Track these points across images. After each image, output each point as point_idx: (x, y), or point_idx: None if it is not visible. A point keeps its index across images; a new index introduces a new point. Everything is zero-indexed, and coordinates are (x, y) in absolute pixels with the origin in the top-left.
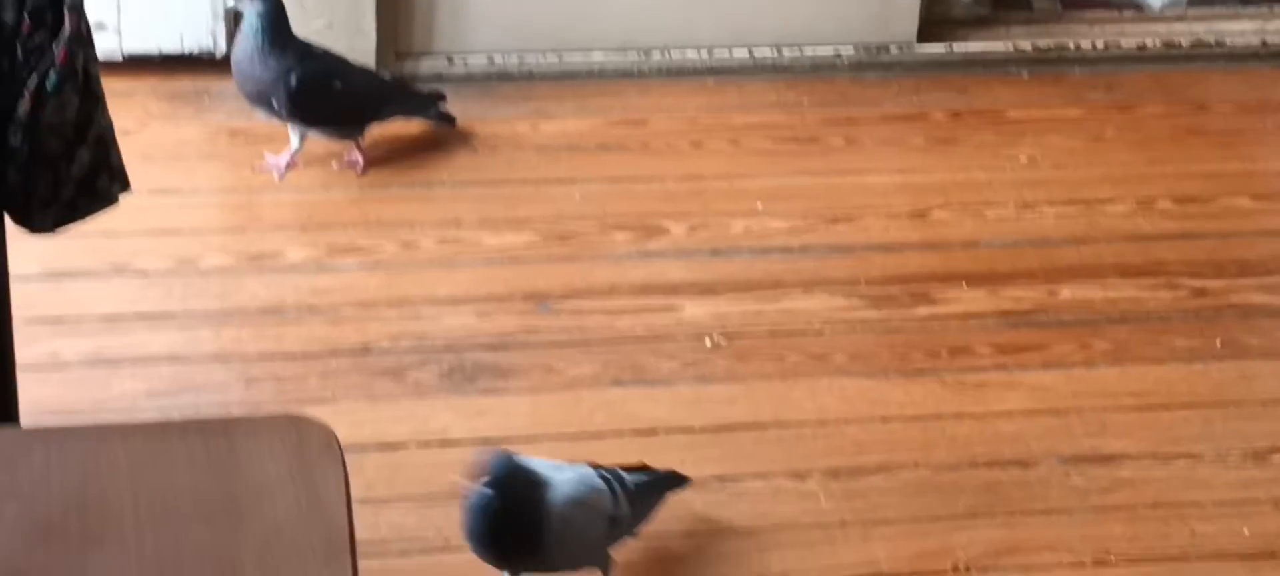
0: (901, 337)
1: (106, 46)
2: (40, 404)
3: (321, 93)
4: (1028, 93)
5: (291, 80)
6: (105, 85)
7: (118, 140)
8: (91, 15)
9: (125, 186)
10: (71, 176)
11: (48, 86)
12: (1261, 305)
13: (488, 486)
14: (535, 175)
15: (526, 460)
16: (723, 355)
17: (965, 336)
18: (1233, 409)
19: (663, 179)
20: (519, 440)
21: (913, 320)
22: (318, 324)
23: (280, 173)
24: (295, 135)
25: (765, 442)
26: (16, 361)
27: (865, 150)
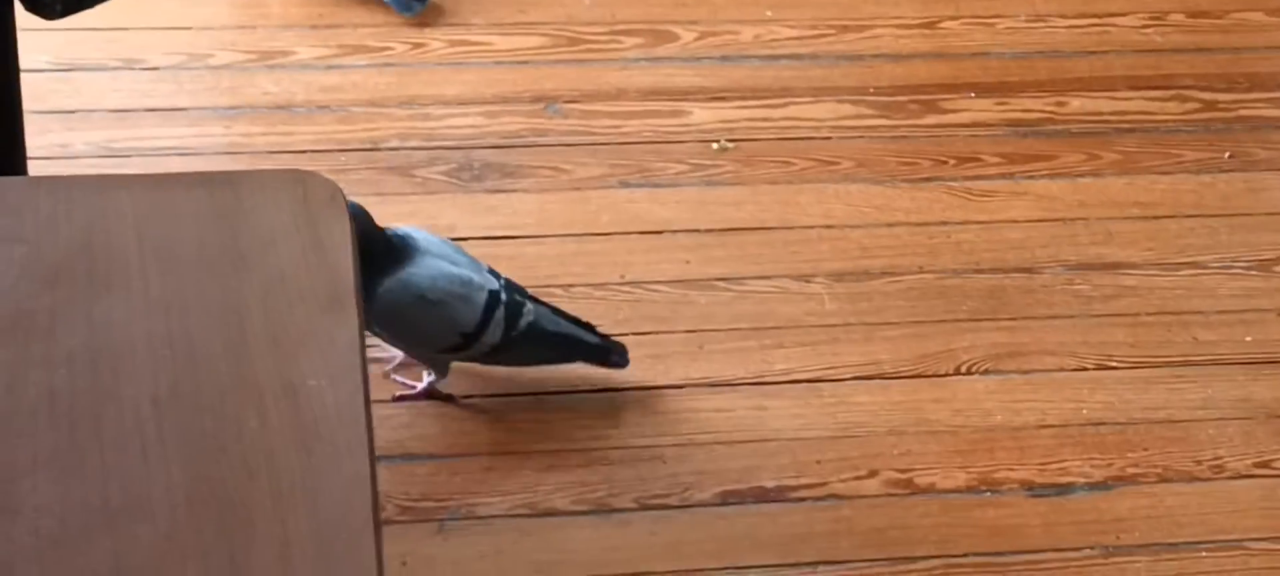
0: (909, 145)
1: None
2: None
3: None
4: None
5: None
6: None
7: None
8: None
9: None
10: None
11: None
12: (1272, 118)
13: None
14: None
15: (425, 239)
16: (730, 159)
17: (973, 145)
18: (1239, 220)
19: None
20: (526, 238)
21: (920, 128)
22: (327, 121)
23: None
24: None
25: (770, 245)
26: (27, 153)
27: None
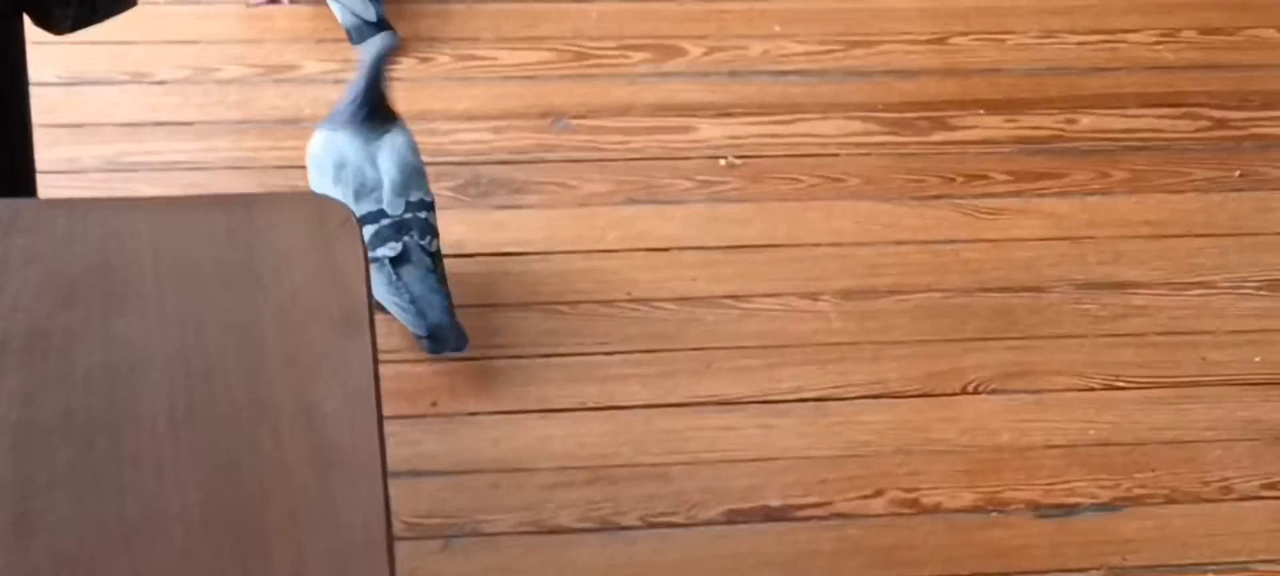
0: (917, 162)
1: None
2: None
3: None
4: None
5: None
6: None
7: None
8: None
9: None
10: None
11: None
12: None
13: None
14: None
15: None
16: (737, 176)
17: (981, 163)
18: (1249, 239)
19: None
20: (533, 255)
21: (929, 145)
22: None
23: None
24: None
25: (778, 262)
26: (36, 166)
27: None
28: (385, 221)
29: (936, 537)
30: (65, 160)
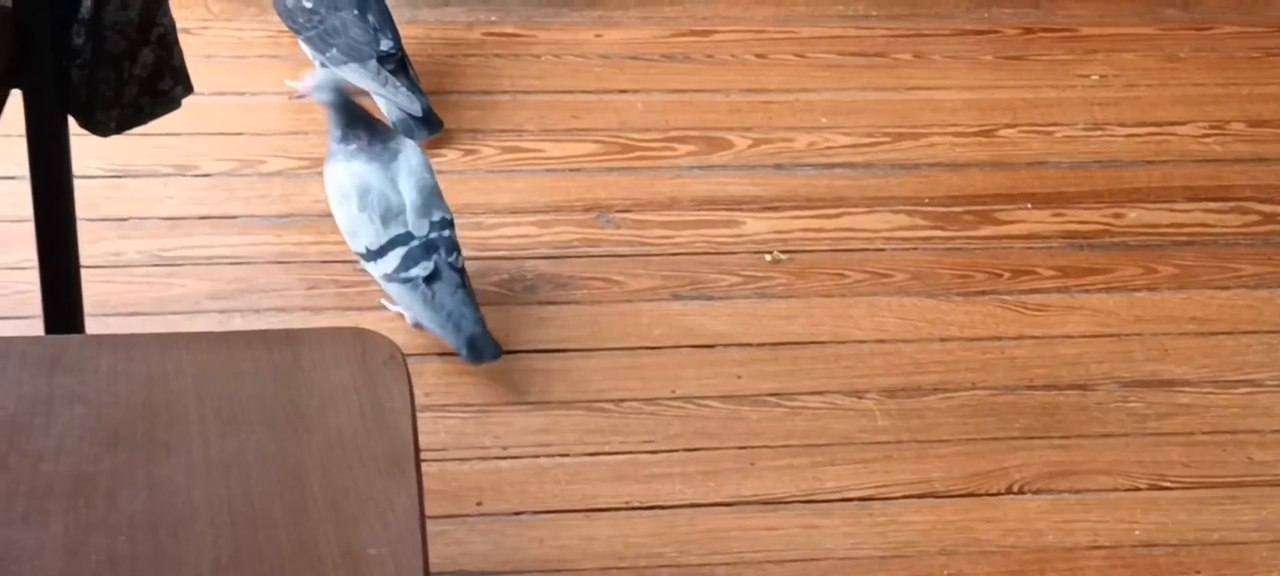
0: (963, 257)
1: None
2: (103, 302)
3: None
4: (1102, 9)
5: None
6: None
7: (180, 40)
8: None
9: (188, 89)
10: (134, 76)
11: None
12: None
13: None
14: (598, 84)
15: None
16: (782, 271)
17: (1028, 258)
18: None
19: (727, 91)
20: (578, 352)
21: (975, 240)
22: None
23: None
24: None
25: (823, 359)
26: (80, 260)
27: (934, 65)
28: (414, 243)
29: None
30: (110, 254)
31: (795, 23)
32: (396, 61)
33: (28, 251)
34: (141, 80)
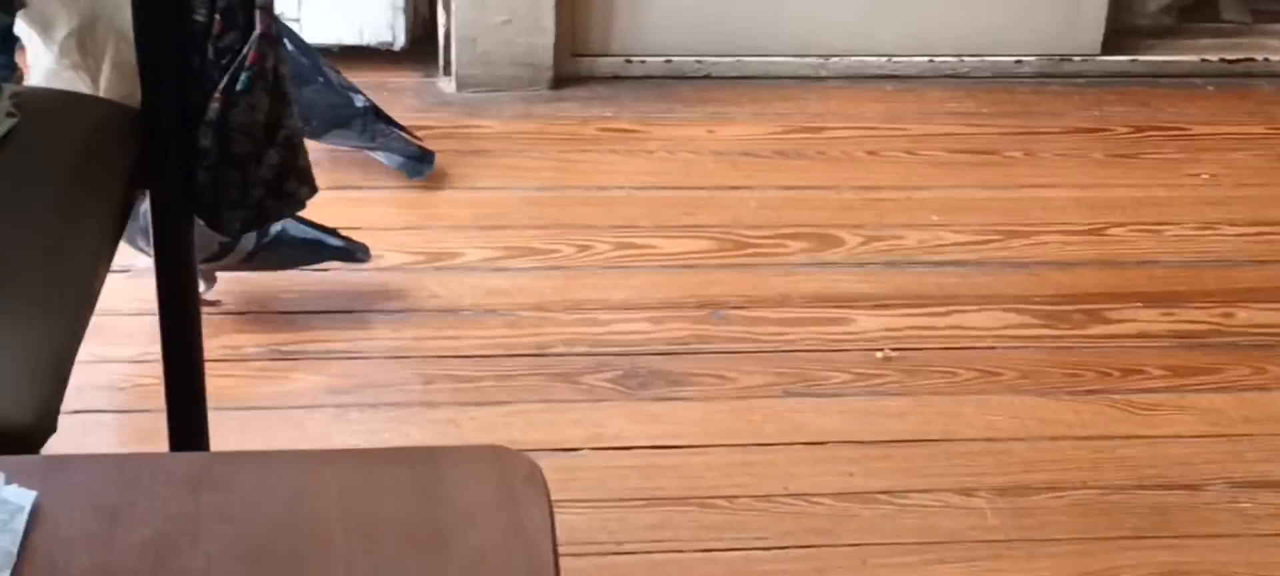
0: (1073, 356)
1: None
2: (222, 395)
3: None
4: (1212, 107)
5: None
6: None
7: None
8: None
9: (313, 190)
10: (260, 178)
11: (238, 86)
12: None
13: None
14: (711, 180)
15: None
16: (893, 369)
17: (1138, 357)
18: None
19: (838, 187)
20: (690, 449)
21: (1085, 339)
22: (495, 325)
23: None
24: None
25: (934, 457)
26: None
27: (1044, 163)
28: None
29: None
30: (228, 348)
31: (906, 120)
32: (373, 113)
33: (150, 345)
34: (267, 182)
